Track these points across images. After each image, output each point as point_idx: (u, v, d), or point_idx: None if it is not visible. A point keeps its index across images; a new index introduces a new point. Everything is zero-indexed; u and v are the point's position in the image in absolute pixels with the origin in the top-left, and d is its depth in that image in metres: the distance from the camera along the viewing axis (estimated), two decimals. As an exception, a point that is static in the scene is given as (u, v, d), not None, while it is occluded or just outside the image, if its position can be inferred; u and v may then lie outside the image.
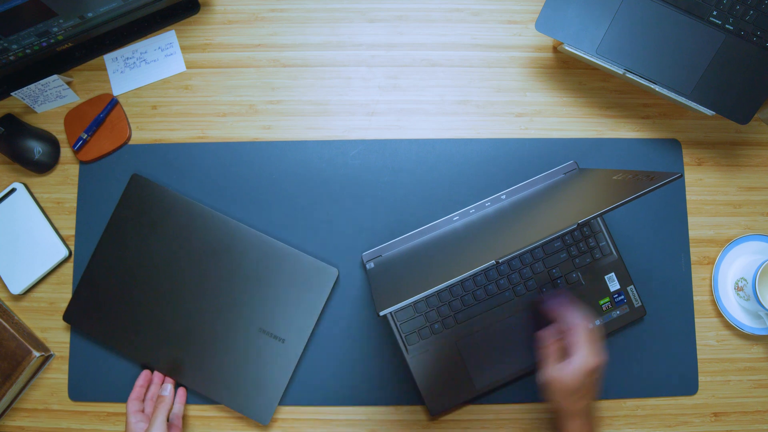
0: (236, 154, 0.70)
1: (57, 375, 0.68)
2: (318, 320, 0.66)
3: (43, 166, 0.70)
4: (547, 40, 0.73)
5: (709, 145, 0.72)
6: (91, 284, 0.66)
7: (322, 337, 0.67)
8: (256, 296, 0.65)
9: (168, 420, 0.61)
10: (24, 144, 0.68)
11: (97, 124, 0.70)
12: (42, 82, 0.66)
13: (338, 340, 0.67)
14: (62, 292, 0.69)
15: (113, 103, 0.71)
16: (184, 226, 0.67)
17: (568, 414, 0.54)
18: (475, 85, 0.72)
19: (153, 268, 0.66)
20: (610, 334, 0.67)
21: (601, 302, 0.66)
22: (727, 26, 0.63)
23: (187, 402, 0.67)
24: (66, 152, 0.71)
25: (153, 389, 0.65)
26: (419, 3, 0.73)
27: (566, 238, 0.66)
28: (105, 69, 0.72)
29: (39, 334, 0.68)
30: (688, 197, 0.71)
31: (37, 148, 0.69)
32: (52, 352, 0.68)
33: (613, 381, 0.67)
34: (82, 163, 0.70)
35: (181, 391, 0.65)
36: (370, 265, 0.66)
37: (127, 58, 0.72)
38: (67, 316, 0.66)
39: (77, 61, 0.71)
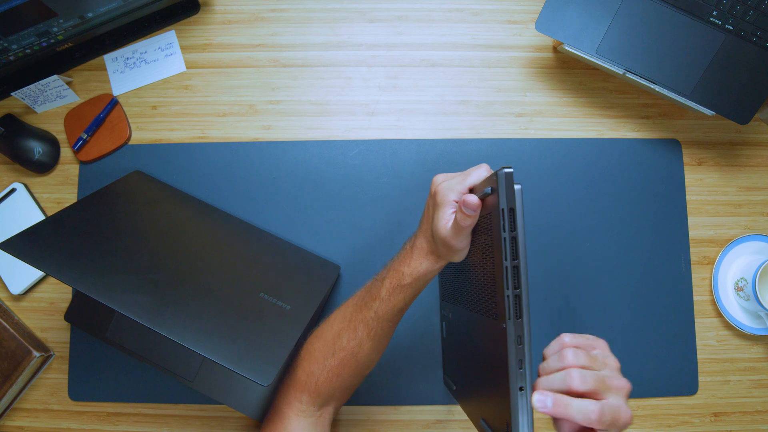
0: (236, 154, 0.70)
1: (57, 375, 0.68)
2: (319, 317, 0.66)
3: (43, 166, 0.70)
4: (547, 40, 0.73)
5: (709, 145, 0.72)
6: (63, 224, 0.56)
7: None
8: (257, 268, 0.62)
9: None
10: (24, 144, 0.68)
11: (97, 124, 0.70)
12: (42, 82, 0.66)
13: (338, 340, 0.67)
14: (62, 292, 0.69)
15: (113, 103, 0.71)
16: (184, 217, 0.66)
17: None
18: (475, 85, 0.72)
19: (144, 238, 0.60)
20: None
21: None
22: (727, 26, 0.63)
23: (188, 402, 0.67)
24: (66, 152, 0.71)
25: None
26: (419, 3, 0.73)
27: None
28: (105, 69, 0.72)
29: (39, 334, 0.68)
30: (688, 197, 0.71)
31: (37, 148, 0.69)
32: (52, 352, 0.68)
33: (613, 381, 0.67)
34: (82, 163, 0.70)
35: None
36: None
37: (127, 58, 0.72)
38: (68, 316, 0.66)
39: (77, 61, 0.71)
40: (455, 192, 0.43)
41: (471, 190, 0.44)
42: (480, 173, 0.44)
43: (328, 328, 0.55)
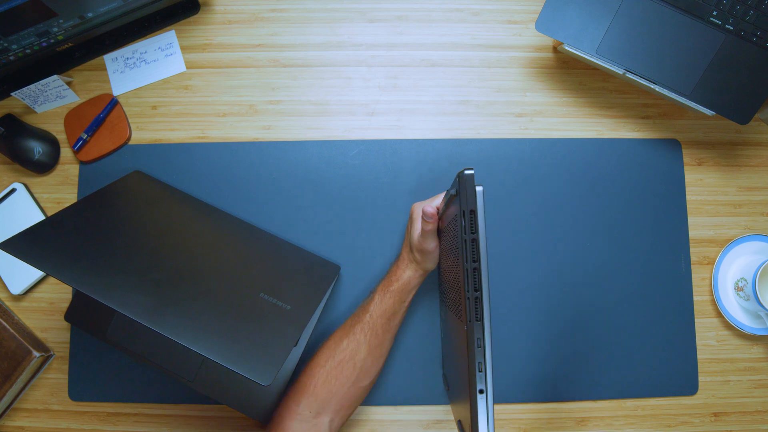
0: (236, 154, 0.70)
1: (57, 375, 0.68)
2: (319, 317, 0.66)
3: (43, 166, 0.70)
4: (547, 40, 0.73)
5: (709, 145, 0.72)
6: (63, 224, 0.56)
7: (322, 338, 0.67)
8: (257, 268, 0.63)
9: None
10: (24, 144, 0.68)
11: (97, 124, 0.70)
12: (42, 82, 0.66)
13: (338, 340, 0.67)
14: (62, 292, 0.69)
15: (113, 103, 0.71)
16: (184, 217, 0.66)
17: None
18: (475, 85, 0.72)
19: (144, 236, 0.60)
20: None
21: None
22: (727, 26, 0.63)
23: (188, 402, 0.67)
24: (66, 152, 0.71)
25: None
26: (419, 3, 0.73)
27: None
28: (105, 69, 0.72)
29: (39, 334, 0.68)
30: (688, 197, 0.71)
31: (37, 148, 0.69)
32: (52, 352, 0.68)
33: (613, 381, 0.67)
34: (82, 163, 0.70)
35: None
36: None
37: (127, 58, 0.72)
38: (68, 316, 0.66)
39: (77, 61, 0.71)
40: (425, 208, 0.56)
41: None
42: (441, 196, 0.57)
43: (331, 339, 0.60)
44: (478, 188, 0.41)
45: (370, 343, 0.58)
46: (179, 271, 0.57)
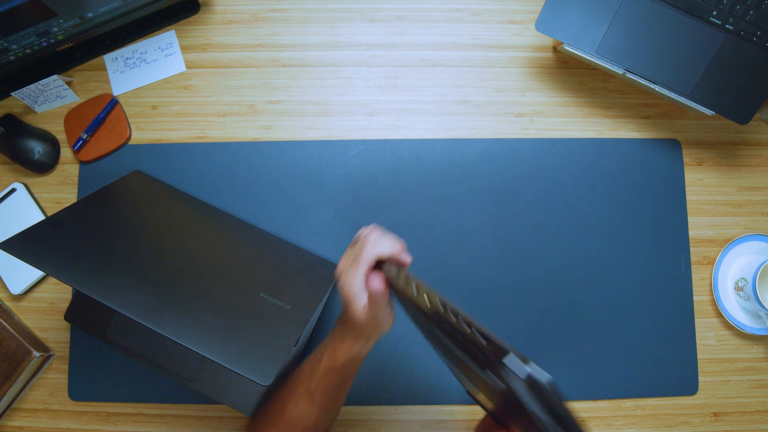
0: (236, 154, 0.70)
1: (57, 375, 0.68)
2: (319, 317, 0.66)
3: (43, 166, 0.70)
4: (547, 40, 0.73)
5: (709, 145, 0.72)
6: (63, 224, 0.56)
7: (321, 338, 0.67)
8: (257, 268, 0.63)
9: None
10: (24, 144, 0.68)
11: (97, 124, 0.70)
12: (42, 82, 0.66)
13: (338, 340, 0.67)
14: (62, 292, 0.69)
15: (113, 103, 0.71)
16: (184, 217, 0.66)
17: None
18: (475, 85, 0.72)
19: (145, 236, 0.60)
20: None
21: None
22: (727, 26, 0.63)
23: (188, 402, 0.67)
24: (66, 152, 0.71)
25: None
26: (419, 3, 0.73)
27: None
28: (105, 69, 0.72)
29: (39, 334, 0.68)
30: (688, 197, 0.71)
31: (37, 148, 0.69)
32: (52, 352, 0.68)
33: (613, 381, 0.67)
34: (82, 163, 0.70)
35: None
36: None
37: (127, 58, 0.72)
38: (68, 316, 0.66)
39: (77, 61, 0.71)
40: (358, 281, 0.44)
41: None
42: (369, 250, 0.44)
43: (275, 398, 0.56)
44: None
45: (321, 406, 0.52)
46: (179, 271, 0.57)
